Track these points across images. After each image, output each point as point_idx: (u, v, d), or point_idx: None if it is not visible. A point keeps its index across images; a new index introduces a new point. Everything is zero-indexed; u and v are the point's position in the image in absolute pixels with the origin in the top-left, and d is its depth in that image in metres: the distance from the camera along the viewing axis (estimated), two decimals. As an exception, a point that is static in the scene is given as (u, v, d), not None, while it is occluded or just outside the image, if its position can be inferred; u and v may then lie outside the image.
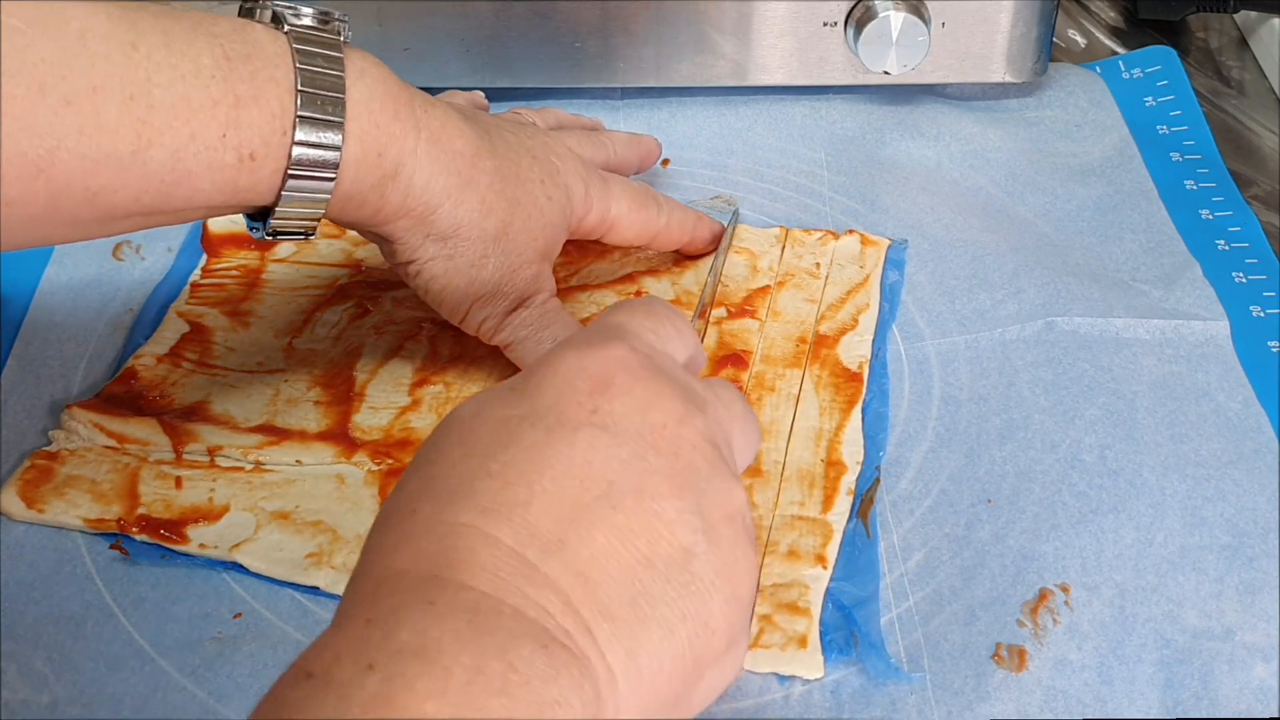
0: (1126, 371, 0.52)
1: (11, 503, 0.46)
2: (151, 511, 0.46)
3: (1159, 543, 0.45)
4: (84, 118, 0.37)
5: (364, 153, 0.43)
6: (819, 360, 0.52)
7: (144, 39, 0.38)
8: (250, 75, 0.40)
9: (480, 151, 0.46)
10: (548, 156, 0.50)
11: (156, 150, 0.38)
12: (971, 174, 0.62)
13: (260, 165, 0.41)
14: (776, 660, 0.42)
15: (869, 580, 0.45)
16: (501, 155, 0.47)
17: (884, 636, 0.43)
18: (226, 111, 0.39)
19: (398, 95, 0.44)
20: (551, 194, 0.49)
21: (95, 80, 0.37)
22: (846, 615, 0.43)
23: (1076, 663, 0.42)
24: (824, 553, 0.45)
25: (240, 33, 0.41)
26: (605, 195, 0.51)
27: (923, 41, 0.61)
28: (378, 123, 0.43)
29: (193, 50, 0.39)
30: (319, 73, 0.42)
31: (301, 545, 0.45)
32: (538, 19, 0.62)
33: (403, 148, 0.44)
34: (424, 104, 0.45)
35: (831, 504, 0.47)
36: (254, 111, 0.40)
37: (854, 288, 0.56)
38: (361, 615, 0.29)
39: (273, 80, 0.41)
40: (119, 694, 0.41)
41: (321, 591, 0.44)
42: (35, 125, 0.36)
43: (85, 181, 0.38)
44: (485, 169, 0.46)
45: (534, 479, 0.32)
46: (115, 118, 0.37)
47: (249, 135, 0.40)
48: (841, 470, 0.48)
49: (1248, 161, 0.65)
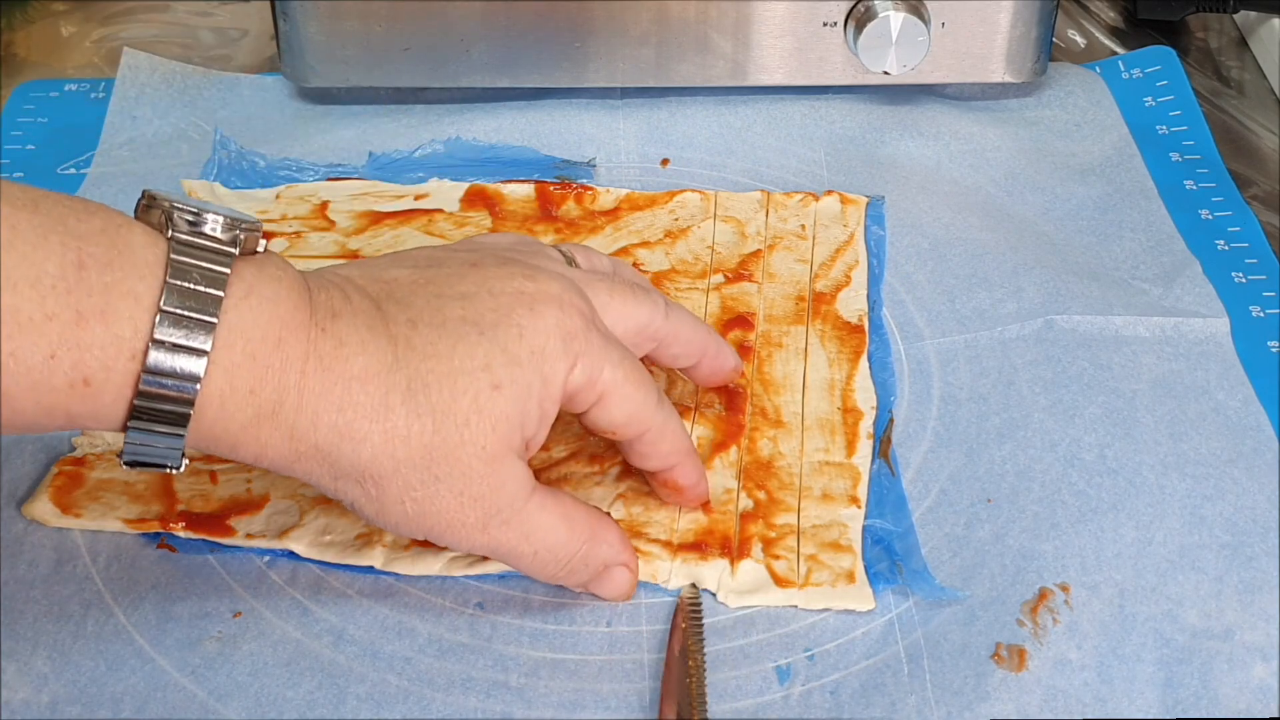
0: (1126, 370, 0.52)
1: (45, 510, 0.46)
2: (191, 507, 0.46)
3: (1159, 542, 0.45)
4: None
5: (230, 388, 0.36)
6: (820, 316, 0.54)
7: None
8: (104, 287, 0.34)
9: (390, 365, 0.38)
10: (512, 313, 0.40)
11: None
12: (971, 173, 0.62)
13: (97, 392, 0.35)
14: (829, 596, 0.44)
15: (902, 515, 0.46)
16: (426, 350, 0.39)
17: (926, 563, 0.45)
18: (61, 329, 0.34)
19: (290, 316, 0.37)
20: (504, 378, 0.39)
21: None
22: (887, 548, 0.45)
23: (1076, 662, 0.42)
24: (856, 493, 0.47)
25: (111, 235, 0.35)
26: (597, 361, 0.41)
27: (923, 41, 0.61)
28: (254, 353, 0.36)
29: (38, 253, 0.34)
30: (191, 290, 0.35)
31: (349, 526, 0.46)
32: (538, 19, 0.62)
33: (283, 383, 0.37)
34: (327, 315, 0.38)
35: (854, 448, 0.49)
36: (97, 331, 0.34)
37: (841, 246, 0.58)
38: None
39: (130, 295, 0.35)
40: (119, 693, 0.41)
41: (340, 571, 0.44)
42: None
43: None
44: (397, 384, 0.38)
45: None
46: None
47: (84, 358, 0.34)
48: (859, 416, 0.50)
49: (1248, 161, 0.65)
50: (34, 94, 0.66)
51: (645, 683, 0.42)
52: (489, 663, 0.42)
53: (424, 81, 0.64)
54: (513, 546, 0.40)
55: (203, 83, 0.67)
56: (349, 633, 0.43)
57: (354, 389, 0.38)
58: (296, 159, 0.62)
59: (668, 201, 0.60)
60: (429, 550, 0.45)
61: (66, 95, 0.66)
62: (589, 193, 0.60)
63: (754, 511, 0.46)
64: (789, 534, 0.46)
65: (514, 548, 0.41)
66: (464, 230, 0.58)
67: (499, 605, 0.44)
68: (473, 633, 0.43)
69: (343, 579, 0.45)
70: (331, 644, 0.43)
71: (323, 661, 0.42)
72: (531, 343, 0.39)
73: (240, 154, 0.62)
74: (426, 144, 0.62)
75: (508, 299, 0.40)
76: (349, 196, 0.60)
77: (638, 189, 0.61)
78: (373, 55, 0.63)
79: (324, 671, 0.42)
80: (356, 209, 0.59)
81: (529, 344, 0.39)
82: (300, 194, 0.60)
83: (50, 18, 0.74)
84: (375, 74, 0.64)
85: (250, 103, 0.66)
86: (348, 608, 0.44)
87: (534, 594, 0.44)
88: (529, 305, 0.40)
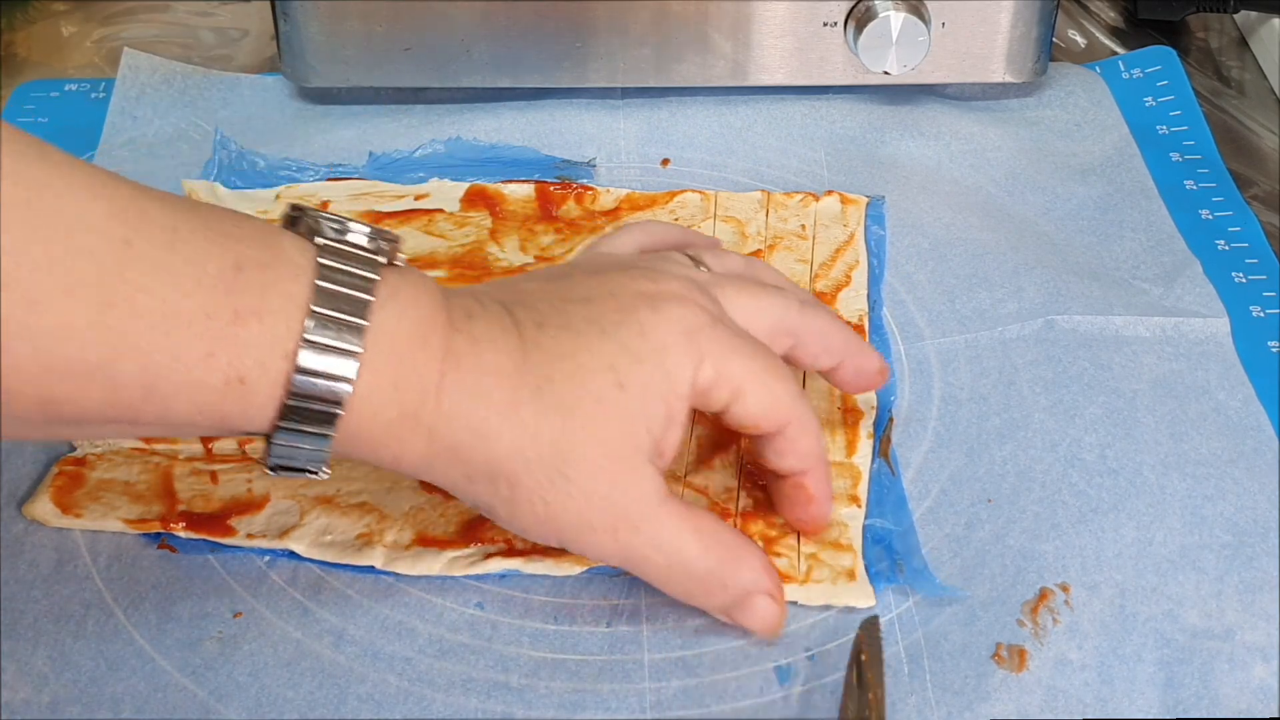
0: (1126, 370, 0.52)
1: (46, 510, 0.46)
2: (192, 507, 0.46)
3: (1159, 542, 0.45)
4: (46, 321, 0.32)
5: (377, 387, 0.37)
6: None
7: (143, 234, 0.34)
8: (260, 287, 0.35)
9: (520, 363, 0.39)
10: (634, 311, 0.40)
11: (126, 364, 0.34)
12: (971, 173, 0.62)
13: (251, 391, 0.35)
14: (829, 593, 0.44)
15: (902, 515, 0.46)
16: (553, 350, 0.39)
17: (927, 562, 0.45)
18: (219, 328, 0.34)
19: (431, 317, 0.38)
20: (627, 376, 0.39)
21: (72, 280, 0.32)
22: (887, 547, 0.45)
23: (1076, 662, 0.42)
24: (856, 493, 0.47)
25: (264, 238, 0.36)
26: (724, 354, 0.40)
27: (923, 41, 0.61)
28: (399, 354, 0.37)
29: (199, 254, 0.34)
30: (342, 292, 0.36)
31: (350, 526, 0.46)
32: (538, 19, 0.62)
33: (424, 383, 0.37)
34: (462, 317, 0.39)
35: (855, 448, 0.49)
36: (253, 329, 0.35)
37: (841, 246, 0.57)
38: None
39: (285, 295, 0.35)
40: (119, 693, 0.41)
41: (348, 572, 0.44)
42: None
43: (38, 389, 0.33)
44: (526, 382, 0.38)
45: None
46: (85, 324, 0.33)
47: (241, 356, 0.35)
48: (859, 416, 0.50)
49: (1248, 161, 0.65)
50: (34, 94, 0.66)
51: (645, 683, 0.42)
52: (489, 663, 0.42)
53: (424, 81, 0.64)
54: (645, 555, 0.40)
55: (203, 83, 0.67)
56: (349, 633, 0.43)
57: (488, 384, 0.38)
58: (297, 159, 0.62)
59: (668, 201, 0.60)
60: (429, 550, 0.45)
61: (67, 95, 0.66)
62: (589, 193, 0.60)
63: (754, 510, 0.46)
64: (789, 533, 0.46)
65: (646, 556, 0.40)
66: (464, 230, 0.58)
67: (499, 605, 0.44)
68: (473, 633, 0.43)
69: (343, 579, 0.45)
70: (332, 644, 0.43)
71: (323, 662, 0.42)
72: (654, 340, 0.39)
73: (240, 154, 0.62)
74: (427, 144, 0.62)
75: (629, 298, 0.41)
76: (349, 196, 0.60)
77: (638, 189, 0.61)
78: (373, 55, 0.63)
79: (324, 672, 0.42)
80: (357, 209, 0.59)
81: (651, 341, 0.39)
82: (300, 194, 0.60)
83: (51, 18, 0.74)
84: (376, 74, 0.64)
85: (250, 103, 0.66)
86: (348, 608, 0.44)
87: (534, 594, 0.44)
88: (650, 303, 0.40)
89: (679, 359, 0.40)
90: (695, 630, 0.43)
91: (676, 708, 0.41)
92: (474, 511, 0.46)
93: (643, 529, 0.39)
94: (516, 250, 0.57)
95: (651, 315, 0.40)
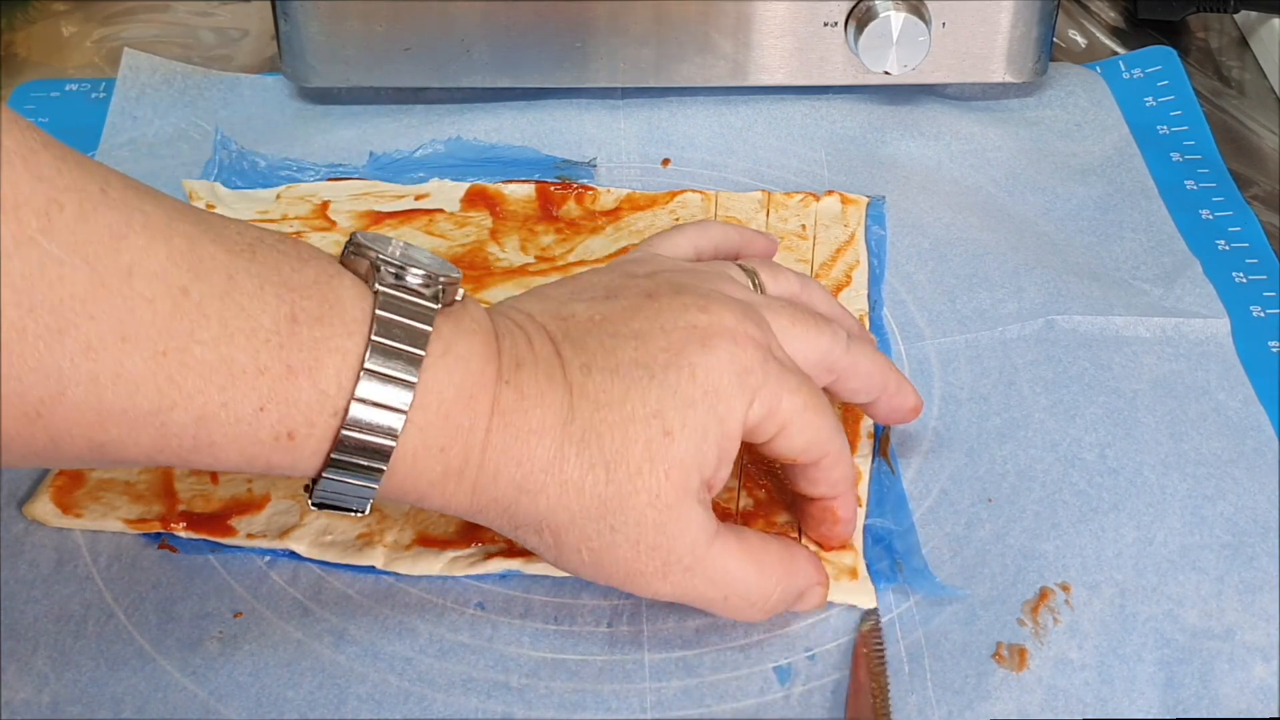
0: (1127, 370, 0.52)
1: (46, 510, 0.46)
2: (192, 507, 0.46)
3: (1159, 541, 0.45)
4: (102, 367, 0.32)
5: (424, 446, 0.37)
6: None
7: (201, 283, 0.34)
8: (314, 342, 0.35)
9: (566, 418, 0.38)
10: (684, 351, 0.39)
11: (179, 413, 0.34)
12: (971, 173, 0.62)
13: (299, 445, 0.36)
14: (831, 591, 0.44)
15: (902, 515, 0.47)
16: (598, 399, 0.38)
17: (927, 562, 0.45)
18: (271, 383, 0.34)
19: (480, 372, 0.38)
20: (675, 423, 0.38)
21: (128, 328, 0.32)
22: (887, 547, 0.45)
23: (1077, 662, 0.42)
24: (856, 492, 0.46)
25: (322, 287, 0.36)
26: (775, 392, 0.40)
27: (923, 41, 0.61)
28: (447, 413, 0.37)
29: (255, 304, 0.34)
30: (395, 349, 0.36)
31: (351, 526, 0.46)
32: (538, 19, 0.62)
33: (470, 441, 0.37)
34: (511, 366, 0.38)
35: (855, 448, 0.49)
36: (304, 385, 0.35)
37: (841, 246, 0.57)
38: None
39: (339, 352, 0.35)
40: (119, 694, 0.41)
41: (349, 572, 0.44)
42: (42, 366, 0.32)
43: (90, 433, 0.33)
44: (571, 436, 0.38)
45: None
46: (140, 372, 0.33)
47: (291, 412, 0.35)
48: (859, 415, 0.50)
49: (1248, 161, 0.65)
50: (34, 94, 0.66)
51: (645, 683, 0.42)
52: (490, 663, 0.42)
53: (425, 81, 0.64)
54: (700, 593, 0.40)
55: (203, 83, 0.67)
56: (350, 633, 0.43)
57: (532, 443, 0.38)
58: (297, 159, 0.62)
59: (668, 201, 0.60)
60: (429, 550, 0.45)
61: (67, 95, 0.67)
62: (590, 193, 0.60)
63: (754, 510, 0.46)
64: (790, 531, 0.46)
65: (701, 594, 0.40)
66: (464, 230, 0.58)
67: (500, 605, 0.44)
68: (473, 633, 0.43)
69: (344, 579, 0.45)
70: (332, 644, 0.43)
71: (323, 662, 0.42)
72: (705, 383, 0.39)
73: (241, 154, 0.62)
74: (427, 144, 0.62)
75: (680, 335, 0.39)
76: (350, 196, 0.60)
77: (638, 189, 0.61)
78: (373, 55, 0.63)
79: (325, 672, 0.42)
80: (357, 209, 0.59)
81: (702, 385, 0.39)
82: (301, 194, 0.60)
83: (51, 18, 0.74)
84: (376, 74, 0.64)
85: (251, 103, 0.66)
86: (348, 608, 0.44)
87: (535, 594, 0.44)
88: (701, 342, 0.39)
89: (730, 401, 0.39)
90: (695, 630, 0.43)
91: (676, 708, 0.41)
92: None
93: (695, 569, 0.39)
94: (517, 250, 0.57)
95: (703, 357, 0.39)
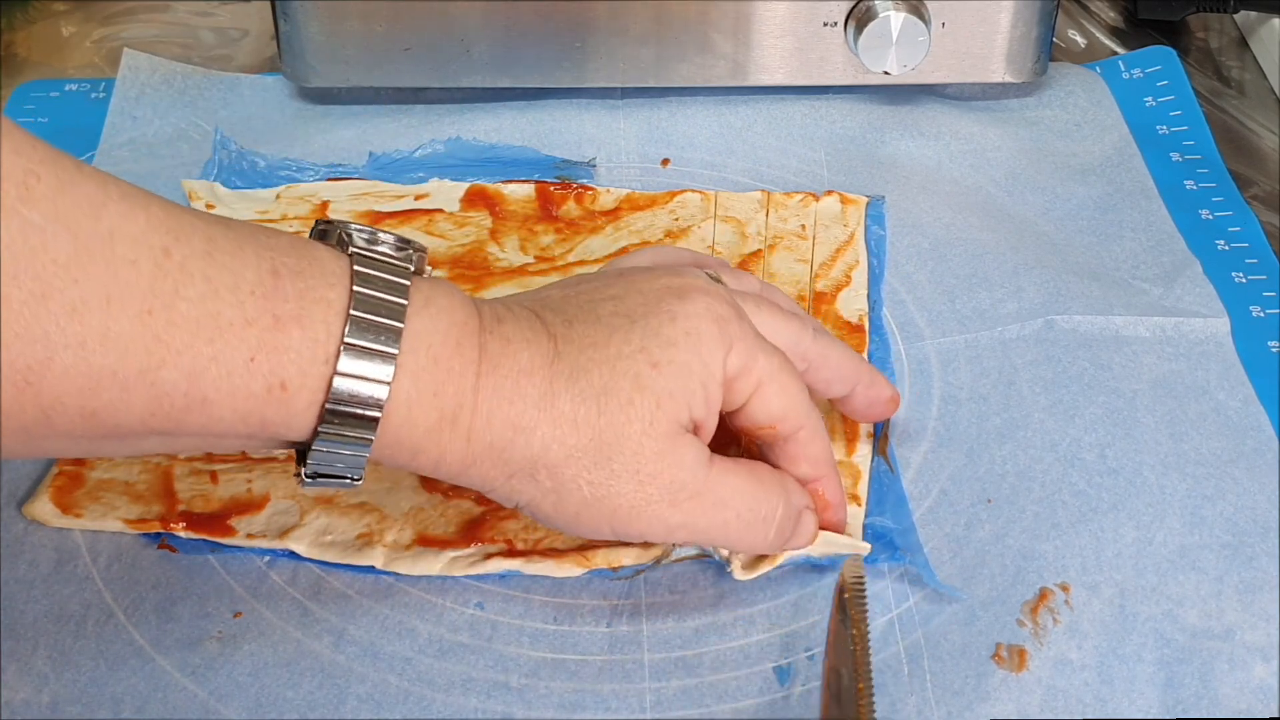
0: (1126, 370, 0.52)
1: (46, 510, 0.46)
2: (192, 507, 0.46)
3: (1159, 542, 0.45)
4: (89, 329, 0.33)
5: (418, 391, 0.37)
6: (820, 316, 0.54)
7: (182, 245, 0.34)
8: (298, 294, 0.36)
9: (553, 357, 0.39)
10: (662, 302, 0.41)
11: (169, 371, 0.34)
12: (971, 173, 0.62)
13: (292, 397, 0.36)
14: (826, 544, 0.44)
15: (902, 514, 0.47)
16: (583, 341, 0.40)
17: (927, 560, 0.45)
18: (260, 333, 0.35)
19: (464, 322, 0.39)
20: (661, 357, 0.39)
21: (113, 289, 0.33)
22: (888, 544, 0.45)
23: (1076, 662, 0.42)
24: (856, 491, 0.47)
25: (298, 248, 0.37)
26: (750, 347, 0.41)
27: (923, 41, 0.61)
28: (436, 357, 0.38)
29: (236, 261, 0.35)
30: (378, 297, 0.37)
31: (351, 526, 0.46)
32: (538, 19, 0.62)
33: (461, 385, 0.38)
34: (493, 320, 0.39)
35: (854, 448, 0.49)
36: (294, 334, 0.35)
37: (841, 246, 0.57)
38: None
39: (323, 301, 0.36)
40: (119, 693, 0.41)
41: (345, 572, 0.44)
42: (29, 333, 0.32)
43: (81, 399, 0.33)
44: (560, 373, 0.39)
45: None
46: (127, 332, 0.33)
47: (282, 361, 0.35)
48: None
49: (1248, 161, 0.65)
50: (34, 94, 0.66)
51: (645, 683, 0.42)
52: (489, 663, 0.42)
53: (424, 81, 0.64)
54: (711, 517, 0.40)
55: (203, 83, 0.67)
56: (349, 633, 0.43)
57: (522, 382, 0.39)
58: (297, 159, 0.62)
59: (668, 201, 0.60)
60: (429, 550, 0.45)
61: (67, 95, 0.66)
62: (589, 193, 0.60)
63: None
64: None
65: (714, 516, 0.40)
66: (464, 230, 0.58)
67: (499, 605, 0.44)
68: (473, 633, 0.43)
69: (343, 579, 0.45)
70: (332, 644, 0.43)
71: (323, 662, 0.42)
72: (684, 325, 0.40)
73: (240, 154, 0.62)
74: (427, 144, 0.62)
75: (656, 292, 0.41)
76: (349, 196, 0.60)
77: (638, 189, 0.61)
78: (373, 55, 0.63)
79: (324, 672, 0.42)
80: (357, 209, 0.59)
81: (682, 326, 0.40)
82: (301, 194, 0.60)
83: (51, 18, 0.74)
84: (376, 74, 0.64)
85: (250, 103, 0.66)
86: (348, 608, 0.44)
87: (535, 594, 0.44)
88: (678, 294, 0.41)
89: (711, 344, 0.40)
90: (695, 630, 0.43)
91: (676, 708, 0.41)
92: (474, 511, 0.46)
93: (703, 493, 0.40)
94: (516, 250, 0.57)
95: (680, 304, 0.41)
